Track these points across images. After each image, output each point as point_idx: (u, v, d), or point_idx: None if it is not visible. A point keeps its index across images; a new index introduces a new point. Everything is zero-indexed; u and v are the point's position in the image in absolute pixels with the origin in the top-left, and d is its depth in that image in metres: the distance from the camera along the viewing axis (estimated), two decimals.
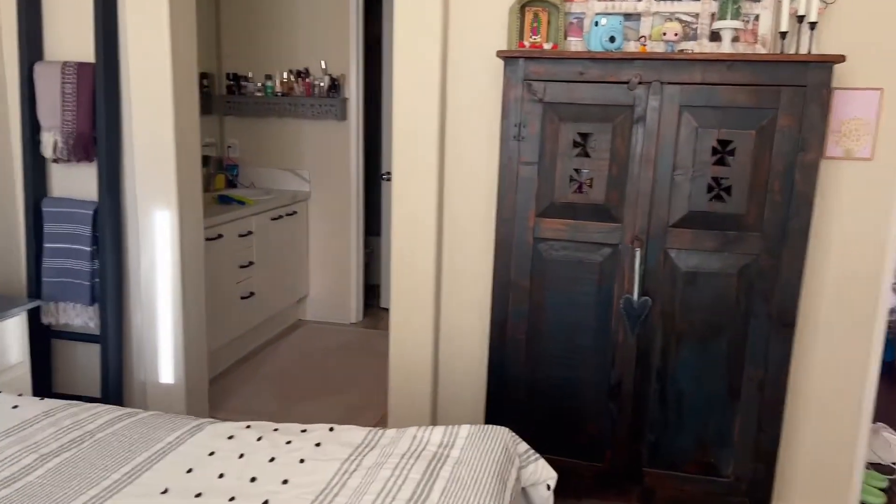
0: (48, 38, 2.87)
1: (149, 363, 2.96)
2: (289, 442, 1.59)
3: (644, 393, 2.35)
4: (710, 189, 2.20)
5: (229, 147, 4.68)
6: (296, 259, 4.47)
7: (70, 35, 2.83)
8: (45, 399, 1.81)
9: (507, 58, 2.26)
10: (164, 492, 1.38)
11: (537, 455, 1.80)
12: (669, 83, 2.15)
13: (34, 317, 2.87)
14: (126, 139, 2.82)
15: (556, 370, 2.42)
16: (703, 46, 2.31)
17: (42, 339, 2.96)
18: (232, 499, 1.36)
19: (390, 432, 1.66)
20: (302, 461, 1.51)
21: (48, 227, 2.86)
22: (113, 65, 2.76)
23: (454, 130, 2.62)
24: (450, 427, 1.68)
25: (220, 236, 3.58)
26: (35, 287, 2.90)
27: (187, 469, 1.46)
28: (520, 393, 2.46)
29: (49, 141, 2.80)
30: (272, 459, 1.51)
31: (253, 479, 1.43)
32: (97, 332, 2.90)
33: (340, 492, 1.39)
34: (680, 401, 2.34)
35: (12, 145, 2.90)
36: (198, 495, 1.37)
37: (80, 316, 2.89)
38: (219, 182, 4.45)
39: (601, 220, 2.29)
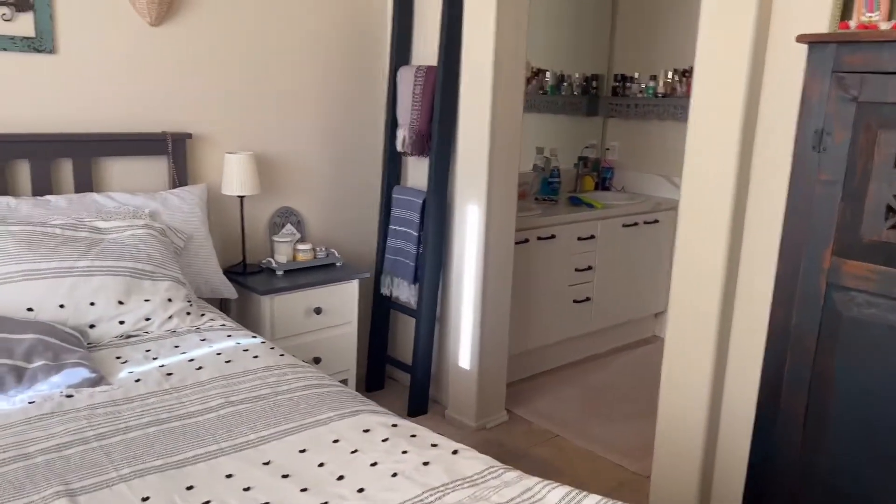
0: (416, 44, 3.26)
1: (452, 345, 3.17)
2: (405, 452, 1.53)
3: None
4: None
5: (608, 149, 4.61)
6: (651, 270, 4.18)
7: (430, 41, 3.16)
8: (282, 356, 2.10)
9: (813, 43, 1.70)
10: (266, 463, 1.48)
11: None
12: None
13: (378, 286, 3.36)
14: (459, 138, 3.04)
15: (848, 466, 1.76)
16: None
17: (384, 307, 3.43)
18: (304, 490, 1.38)
19: (511, 475, 1.45)
20: (395, 475, 1.44)
21: (394, 211, 3.28)
22: (453, 68, 2.99)
23: (764, 135, 2.09)
24: (574, 491, 1.38)
25: (552, 237, 3.58)
26: (380, 261, 3.37)
27: (301, 449, 1.53)
28: (789, 479, 1.87)
29: (400, 136, 3.20)
30: (374, 464, 1.48)
31: (340, 478, 1.43)
32: (416, 308, 3.22)
33: None
34: None
35: (379, 139, 3.40)
36: (284, 476, 1.43)
37: (405, 292, 3.25)
38: (587, 183, 4.43)
39: None
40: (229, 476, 1.43)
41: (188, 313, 2.29)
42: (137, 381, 1.85)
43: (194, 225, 2.68)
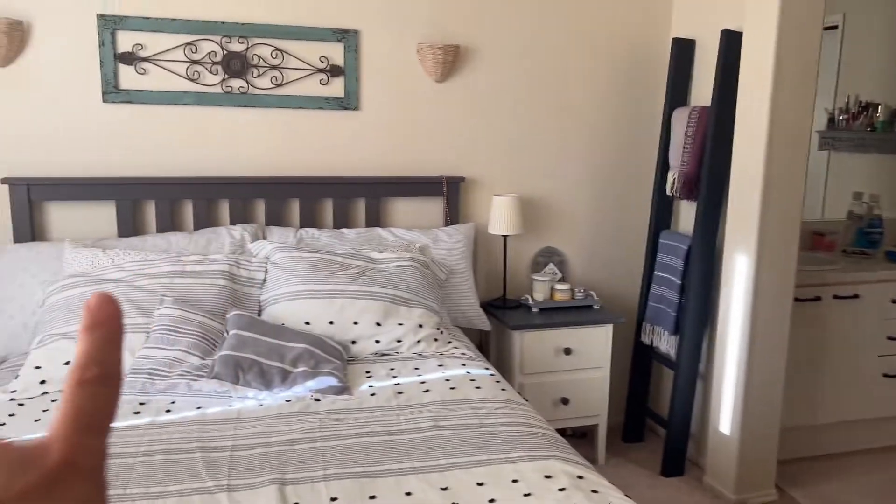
0: (694, 85, 3.13)
1: (714, 406, 2.91)
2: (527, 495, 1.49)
3: None
4: None
5: None
6: None
7: (707, 82, 3.01)
8: (503, 390, 2.18)
9: None
10: (444, 489, 1.56)
11: None
12: None
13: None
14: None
15: None
16: None
17: (644, 355, 3.30)
18: None
19: None
20: None
21: (659, 257, 3.16)
22: (726, 108, 2.80)
23: None
24: None
25: (855, 296, 3.08)
26: (642, 308, 3.26)
27: (480, 482, 1.58)
28: None
29: (670, 179, 3.09)
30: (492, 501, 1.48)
31: None
32: (675, 361, 3.04)
33: None
34: None
35: (649, 182, 3.31)
36: None
37: (665, 342, 3.09)
38: None
39: None
40: (408, 494, 1.56)
41: (435, 339, 2.51)
42: (373, 394, 2.11)
43: (457, 260, 2.92)
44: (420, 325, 2.52)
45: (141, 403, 1.99)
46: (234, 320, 2.27)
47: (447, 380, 2.22)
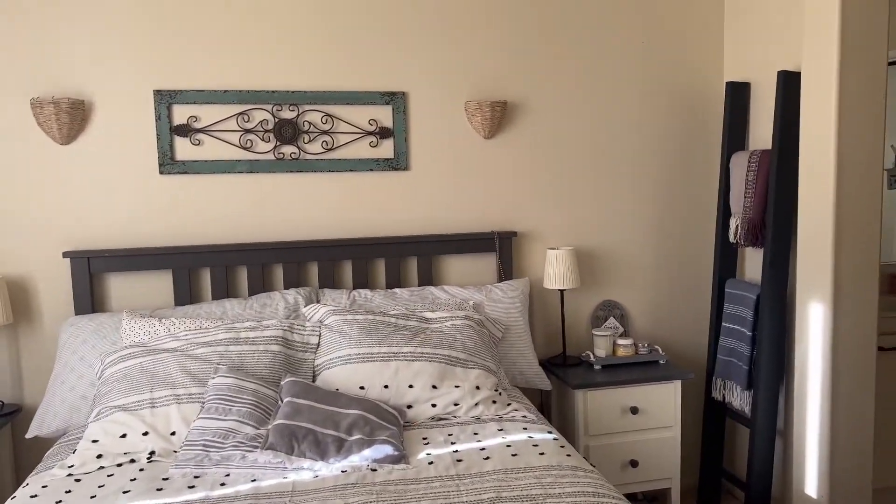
0: (752, 129, 3.03)
1: (796, 466, 2.71)
2: None
3: None
4: None
5: None
6: None
7: (767, 125, 2.91)
8: (569, 456, 2.05)
9: None
10: None
11: None
12: None
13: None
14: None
15: None
16: None
17: (717, 412, 3.12)
18: None
19: None
20: None
21: (726, 307, 3.00)
22: (788, 151, 2.69)
23: None
24: None
25: None
26: (711, 362, 3.09)
27: None
28: None
29: (733, 226, 2.96)
30: None
31: None
32: (750, 418, 2.85)
33: None
34: None
35: (711, 229, 3.19)
36: None
37: (738, 398, 2.91)
38: None
39: None
40: None
41: (494, 402, 2.41)
42: (431, 463, 2.02)
43: (513, 317, 2.84)
44: (477, 387, 2.43)
45: (196, 477, 1.94)
46: (289, 387, 2.23)
47: (508, 445, 2.12)
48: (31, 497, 1.86)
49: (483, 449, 2.10)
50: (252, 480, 1.91)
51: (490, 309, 2.82)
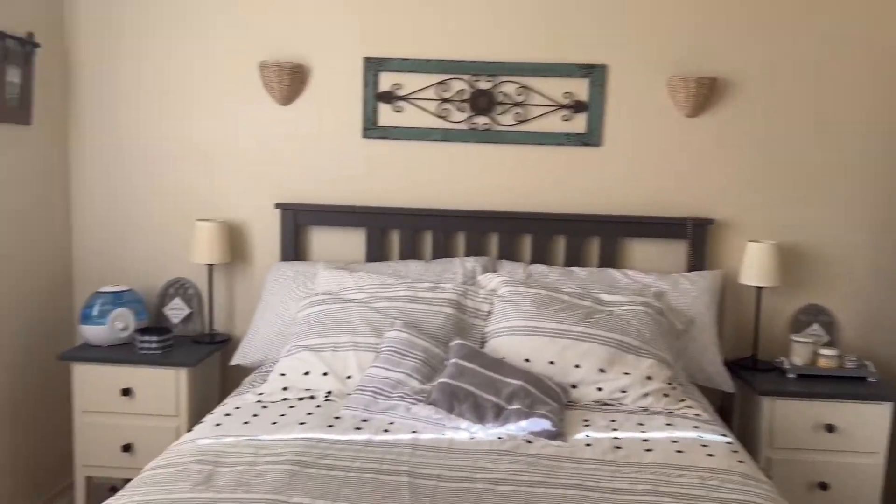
0: None
1: None
2: None
3: None
4: None
5: None
6: None
7: None
8: (741, 462, 1.88)
9: None
10: None
11: None
12: None
13: None
14: None
15: None
16: None
17: None
18: None
19: None
20: None
21: None
22: None
23: None
24: None
25: None
26: None
27: None
28: None
29: None
30: None
31: None
32: None
33: None
34: None
35: None
36: None
37: None
38: None
39: None
40: None
41: (665, 395, 2.29)
42: (588, 445, 1.96)
43: (699, 310, 2.66)
44: (649, 378, 2.31)
45: (364, 420, 2.07)
46: (456, 349, 2.28)
47: (674, 441, 2.00)
48: (226, 415, 2.11)
49: (646, 440, 2.00)
50: (412, 432, 1.99)
51: (674, 299, 2.66)
